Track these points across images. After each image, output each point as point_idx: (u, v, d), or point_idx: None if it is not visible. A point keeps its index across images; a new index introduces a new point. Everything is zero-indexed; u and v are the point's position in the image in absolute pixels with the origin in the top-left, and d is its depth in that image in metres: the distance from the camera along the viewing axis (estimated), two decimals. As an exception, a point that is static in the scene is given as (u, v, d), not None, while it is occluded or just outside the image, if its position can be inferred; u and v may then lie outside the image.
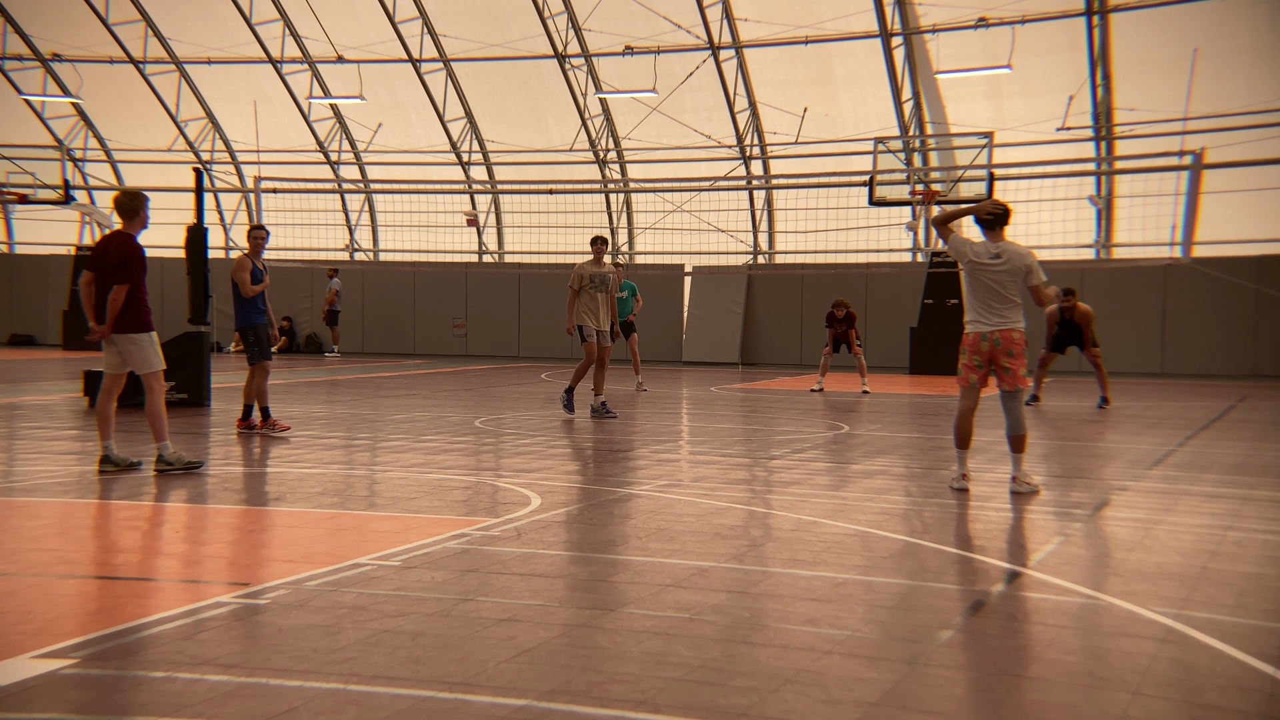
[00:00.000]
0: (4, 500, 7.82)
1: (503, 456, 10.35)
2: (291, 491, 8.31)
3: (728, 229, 27.31)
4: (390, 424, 12.72)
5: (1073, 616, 5.23)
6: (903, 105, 25.29)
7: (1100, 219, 24.79)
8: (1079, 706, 4.05)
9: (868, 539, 6.80)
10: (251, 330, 12.09)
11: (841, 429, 12.86)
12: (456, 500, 8.14)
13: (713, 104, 27.02)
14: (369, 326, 28.66)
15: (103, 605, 5.13)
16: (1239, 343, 22.66)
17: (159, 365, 9.19)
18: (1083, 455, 10.99)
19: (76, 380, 15.62)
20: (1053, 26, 23.66)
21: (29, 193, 28.36)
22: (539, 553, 6.34)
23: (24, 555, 6.09)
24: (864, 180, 23.94)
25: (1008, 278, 8.33)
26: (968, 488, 8.50)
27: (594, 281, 13.77)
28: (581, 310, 13.73)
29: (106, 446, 9.07)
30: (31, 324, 30.98)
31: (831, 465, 10.09)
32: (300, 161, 30.13)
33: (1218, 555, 6.43)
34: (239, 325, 12.15)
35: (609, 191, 28.85)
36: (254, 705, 3.93)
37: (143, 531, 7.08)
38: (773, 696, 4.07)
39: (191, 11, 29.27)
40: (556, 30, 27.00)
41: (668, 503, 7.88)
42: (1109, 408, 15.65)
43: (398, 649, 4.53)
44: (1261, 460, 10.50)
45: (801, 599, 5.37)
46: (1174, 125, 22.99)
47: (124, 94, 31.09)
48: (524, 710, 3.90)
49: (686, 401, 16.76)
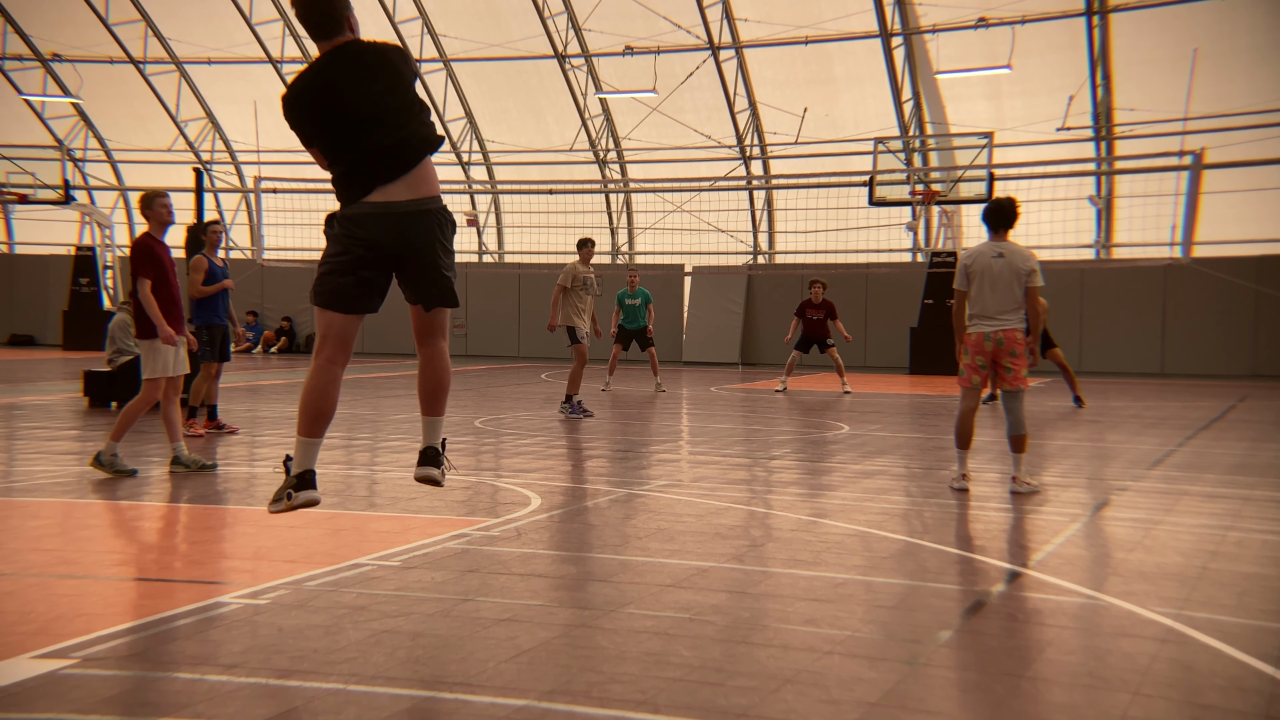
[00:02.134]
0: (4, 500, 7.82)
1: (503, 456, 10.35)
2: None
3: (728, 229, 27.31)
4: (390, 424, 12.72)
5: (1073, 616, 5.22)
6: (903, 105, 25.29)
7: (1100, 219, 24.80)
8: (1079, 706, 4.05)
9: (868, 539, 6.80)
10: (206, 330, 11.94)
11: (841, 429, 12.86)
12: (456, 500, 8.14)
13: (713, 104, 27.02)
14: (369, 326, 28.62)
15: (103, 605, 5.13)
16: (1239, 343, 22.65)
17: (149, 373, 9.10)
18: (1083, 455, 10.99)
19: (76, 380, 15.62)
20: (1053, 26, 23.66)
21: (29, 193, 28.37)
22: (539, 553, 6.34)
23: (24, 555, 6.09)
24: (864, 180, 23.95)
25: (1010, 278, 8.39)
26: (968, 488, 8.51)
27: (585, 284, 13.85)
28: (570, 311, 13.78)
29: (176, 448, 9.11)
30: (31, 324, 30.97)
31: (831, 465, 10.09)
32: (301, 162, 30.07)
33: (1218, 555, 6.43)
34: (195, 323, 11.84)
35: (609, 191, 28.85)
36: (254, 705, 3.93)
37: (143, 532, 7.08)
38: (773, 696, 4.07)
39: (191, 11, 29.28)
40: (556, 30, 27.00)
41: (668, 503, 7.88)
42: (1085, 407, 15.57)
43: (398, 649, 4.53)
44: (1261, 460, 10.50)
45: (801, 599, 5.37)
46: (1174, 125, 23.00)
47: (124, 94, 31.09)
48: (524, 710, 3.90)
49: (686, 401, 16.76)
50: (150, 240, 9.18)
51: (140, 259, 9.07)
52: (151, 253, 9.14)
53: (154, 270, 9.11)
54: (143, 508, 7.77)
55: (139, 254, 9.10)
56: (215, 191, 30.87)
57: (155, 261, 9.13)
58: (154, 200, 9.22)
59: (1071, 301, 23.80)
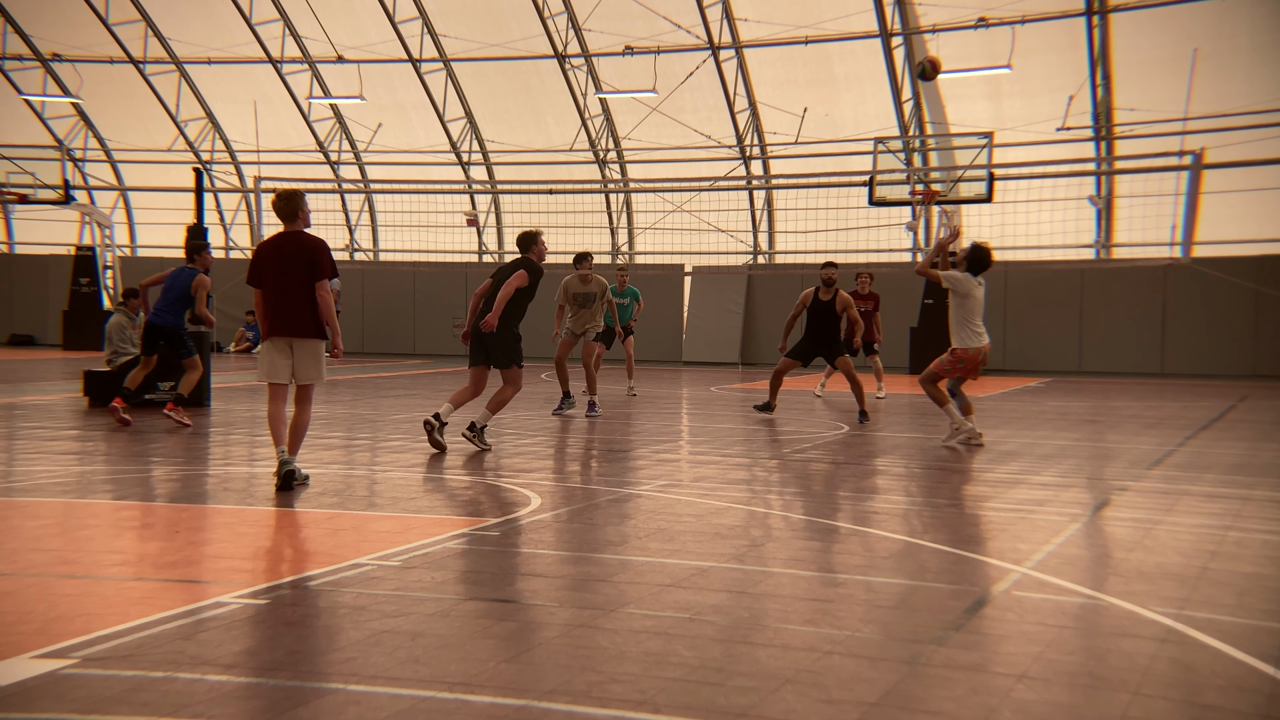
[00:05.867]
0: (4, 500, 7.81)
1: (503, 456, 10.35)
2: (291, 491, 8.30)
3: (727, 229, 27.32)
4: (390, 424, 12.72)
5: (1073, 616, 5.22)
6: (903, 105, 25.30)
7: (1100, 219, 24.80)
8: (1079, 706, 4.05)
9: (868, 539, 6.80)
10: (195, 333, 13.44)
11: (841, 429, 12.86)
12: (456, 500, 8.15)
13: (713, 104, 27.03)
14: (369, 327, 28.65)
15: (103, 605, 5.13)
16: (1239, 343, 22.66)
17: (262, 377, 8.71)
18: (1083, 455, 10.99)
19: (76, 380, 15.62)
20: (1053, 26, 23.67)
21: (29, 193, 28.35)
22: (539, 553, 6.34)
23: (24, 555, 6.09)
24: (864, 180, 23.95)
25: (984, 301, 10.74)
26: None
27: (578, 300, 14.21)
28: (571, 322, 14.29)
29: (280, 451, 8.43)
30: (31, 324, 30.96)
31: (831, 465, 10.09)
32: (300, 161, 30.14)
33: (1218, 555, 6.43)
34: (182, 326, 12.88)
35: (609, 191, 28.85)
36: (254, 705, 3.93)
37: (143, 532, 7.08)
38: (773, 696, 4.07)
39: (191, 11, 29.28)
40: (556, 30, 27.00)
41: (668, 503, 7.88)
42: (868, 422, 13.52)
43: (398, 649, 4.53)
44: (1261, 460, 10.50)
45: (801, 599, 5.37)
46: (1174, 125, 23.00)
47: (124, 94, 31.09)
48: (524, 710, 3.90)
49: (686, 401, 16.75)
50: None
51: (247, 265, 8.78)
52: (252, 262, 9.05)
53: (252, 281, 8.90)
54: (143, 508, 7.76)
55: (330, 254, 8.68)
56: (215, 191, 30.87)
57: (253, 271, 8.77)
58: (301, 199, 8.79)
59: (1071, 301, 23.80)
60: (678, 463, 10.13)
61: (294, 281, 8.42)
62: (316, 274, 8.43)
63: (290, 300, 8.43)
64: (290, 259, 8.44)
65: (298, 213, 8.59)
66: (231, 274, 28.63)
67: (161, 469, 9.43)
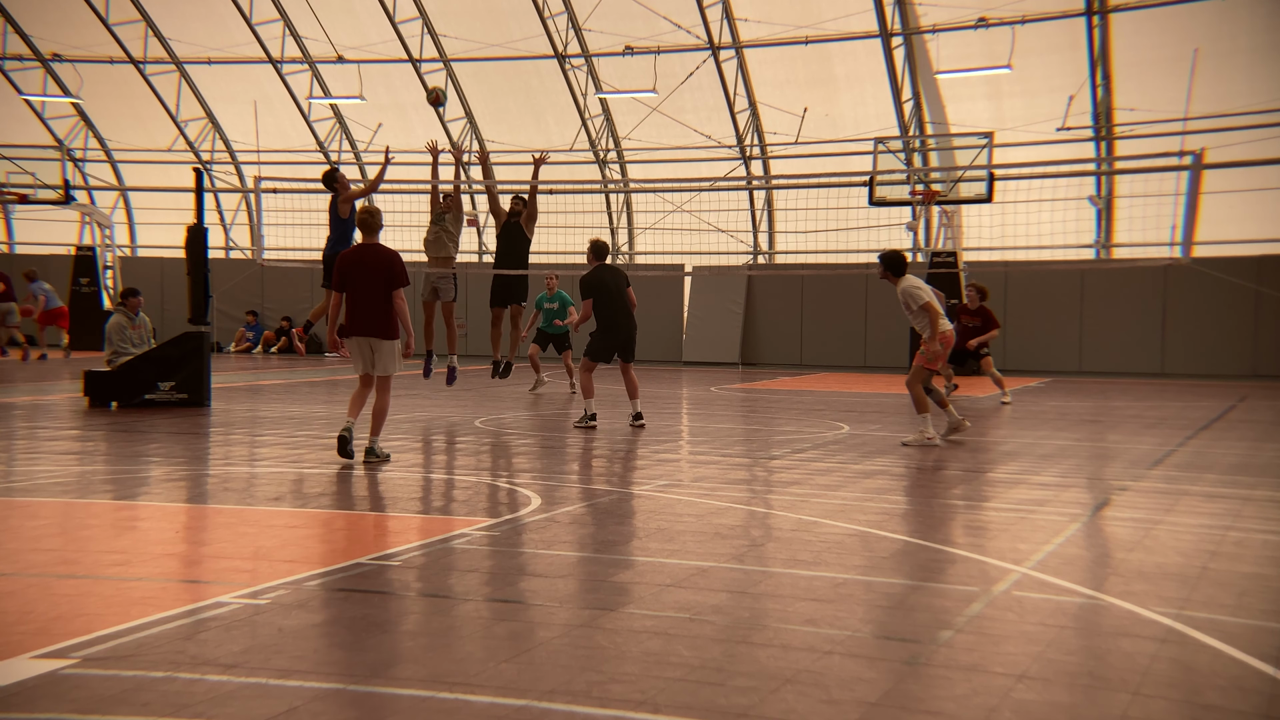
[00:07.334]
0: (4, 500, 7.82)
1: (503, 456, 10.35)
2: (291, 491, 8.30)
3: (728, 229, 27.31)
4: (390, 424, 12.71)
5: (1073, 616, 5.22)
6: (903, 105, 25.29)
7: (1100, 219, 24.79)
8: (1079, 706, 4.05)
9: (868, 539, 6.80)
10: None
11: (841, 429, 12.86)
12: (456, 500, 8.15)
13: (713, 104, 27.02)
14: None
15: (103, 605, 5.13)
16: (1239, 343, 22.65)
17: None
18: (1083, 455, 10.99)
19: (76, 380, 15.62)
20: (1053, 26, 23.65)
21: (29, 193, 28.34)
22: (539, 553, 6.34)
23: (24, 555, 6.09)
24: (864, 180, 23.93)
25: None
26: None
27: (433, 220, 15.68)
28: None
29: (348, 420, 9.74)
30: (31, 324, 30.92)
31: (831, 465, 10.09)
32: (300, 161, 30.12)
33: (1218, 555, 6.43)
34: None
35: (609, 191, 28.85)
36: (254, 705, 3.93)
37: (143, 532, 7.08)
38: (773, 696, 4.07)
39: (191, 11, 29.27)
40: (556, 30, 27.00)
41: (668, 503, 7.88)
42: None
43: (398, 649, 4.53)
44: (1261, 460, 10.50)
45: (801, 599, 5.37)
46: (1174, 125, 22.99)
47: (124, 94, 31.08)
48: (524, 710, 3.90)
49: (686, 401, 16.76)
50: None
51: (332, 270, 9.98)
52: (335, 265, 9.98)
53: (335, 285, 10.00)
54: (142, 508, 7.76)
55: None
56: (215, 191, 30.85)
57: (334, 275, 9.92)
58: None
59: (1071, 301, 23.80)
60: (678, 463, 10.13)
61: (374, 290, 9.56)
62: (394, 284, 9.59)
63: (370, 306, 9.57)
64: (371, 270, 9.57)
65: (379, 228, 9.78)
66: (232, 274, 28.66)
67: (161, 469, 9.44)
